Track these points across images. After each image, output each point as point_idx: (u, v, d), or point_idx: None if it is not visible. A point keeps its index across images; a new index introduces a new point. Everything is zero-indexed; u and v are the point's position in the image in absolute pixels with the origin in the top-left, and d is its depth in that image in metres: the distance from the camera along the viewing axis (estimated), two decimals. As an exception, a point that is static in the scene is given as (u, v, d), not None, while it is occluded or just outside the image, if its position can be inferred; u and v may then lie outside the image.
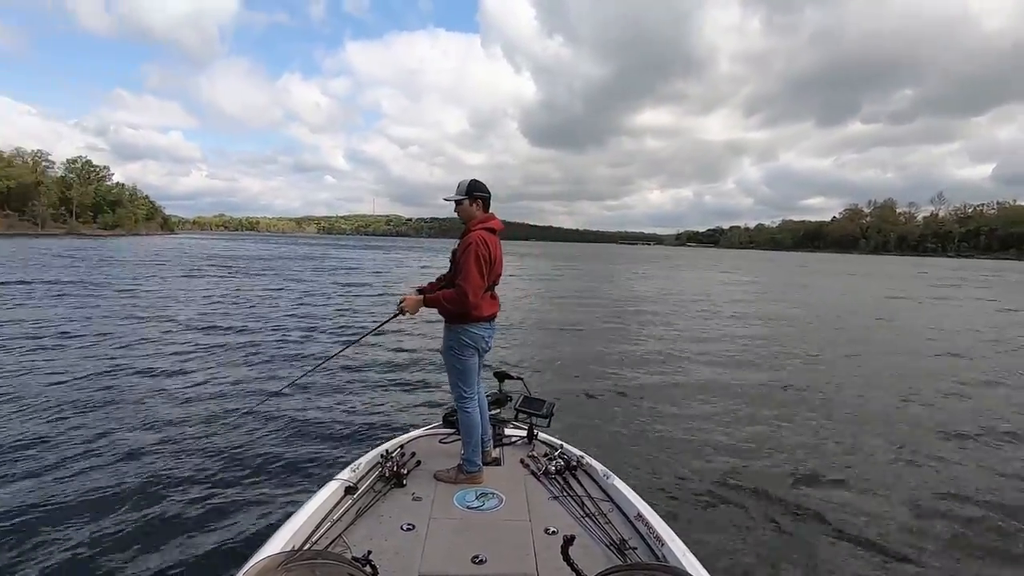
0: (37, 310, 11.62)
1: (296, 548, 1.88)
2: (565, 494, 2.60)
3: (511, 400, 3.53)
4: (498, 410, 3.42)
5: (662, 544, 2.10)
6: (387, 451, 2.90)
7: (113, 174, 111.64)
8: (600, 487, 2.72)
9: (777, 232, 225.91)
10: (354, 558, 1.61)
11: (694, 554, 2.02)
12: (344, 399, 5.99)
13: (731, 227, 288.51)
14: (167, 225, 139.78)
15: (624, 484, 2.64)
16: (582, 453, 3.03)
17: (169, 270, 24.79)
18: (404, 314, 2.81)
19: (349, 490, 2.50)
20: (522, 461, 3.01)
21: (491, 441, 3.06)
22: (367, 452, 2.99)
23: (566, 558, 1.69)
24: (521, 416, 3.46)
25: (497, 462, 2.99)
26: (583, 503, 2.50)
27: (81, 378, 6.42)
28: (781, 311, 16.38)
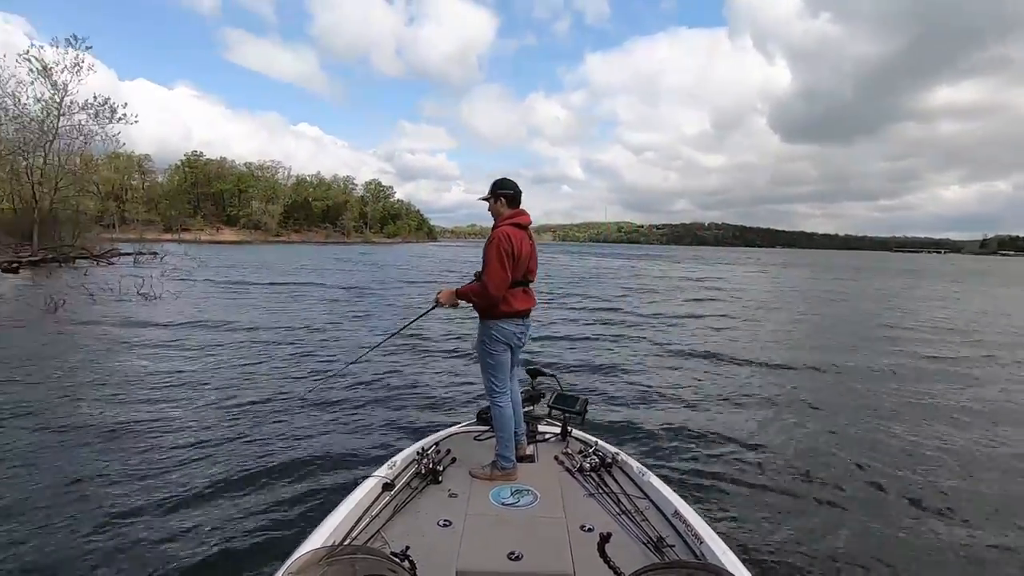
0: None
1: (336, 543, 1.96)
2: (600, 491, 2.59)
3: (544, 397, 3.50)
4: (532, 407, 3.42)
5: (700, 542, 2.06)
6: (423, 448, 2.95)
7: (395, 192, 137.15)
8: (636, 484, 2.67)
9: None
10: (393, 553, 1.66)
11: (734, 553, 1.96)
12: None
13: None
14: (431, 234, 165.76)
15: (660, 481, 2.59)
16: (617, 450, 2.96)
17: (411, 273, 29.08)
18: (440, 306, 2.96)
19: (386, 487, 2.56)
20: (556, 458, 2.99)
21: (524, 437, 3.07)
22: (403, 449, 3.05)
23: (603, 555, 1.68)
24: (555, 413, 3.42)
25: (531, 458, 2.99)
26: (619, 500, 2.47)
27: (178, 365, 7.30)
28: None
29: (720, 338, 10.83)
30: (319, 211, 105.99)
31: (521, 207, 2.97)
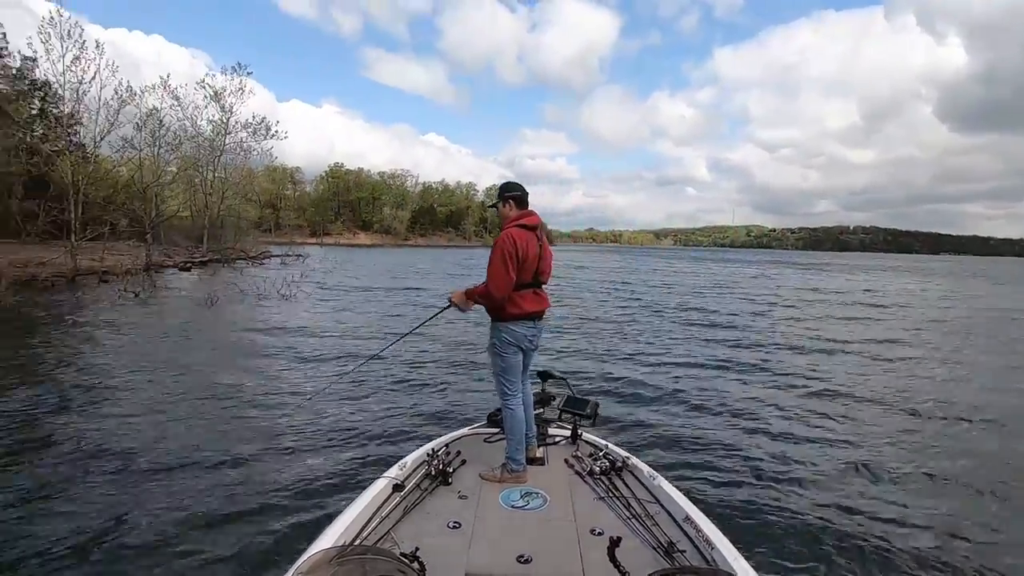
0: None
1: (347, 544, 1.97)
2: (611, 495, 2.55)
3: (555, 400, 3.47)
4: (542, 409, 3.40)
5: (712, 548, 2.03)
6: (433, 449, 2.95)
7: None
8: (646, 488, 2.62)
9: None
10: (402, 554, 1.67)
11: (746, 559, 1.92)
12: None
13: None
14: (548, 239, 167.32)
15: (671, 486, 2.54)
16: (628, 454, 2.91)
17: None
18: (453, 306, 3.01)
19: (397, 488, 2.55)
20: (566, 461, 2.96)
21: (535, 439, 3.06)
22: (414, 450, 3.04)
23: (612, 559, 1.67)
24: (565, 416, 3.39)
25: (541, 461, 2.97)
26: (629, 504, 2.43)
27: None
28: None
29: (782, 355, 9.58)
30: (443, 216, 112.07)
31: (529, 208, 3.00)
